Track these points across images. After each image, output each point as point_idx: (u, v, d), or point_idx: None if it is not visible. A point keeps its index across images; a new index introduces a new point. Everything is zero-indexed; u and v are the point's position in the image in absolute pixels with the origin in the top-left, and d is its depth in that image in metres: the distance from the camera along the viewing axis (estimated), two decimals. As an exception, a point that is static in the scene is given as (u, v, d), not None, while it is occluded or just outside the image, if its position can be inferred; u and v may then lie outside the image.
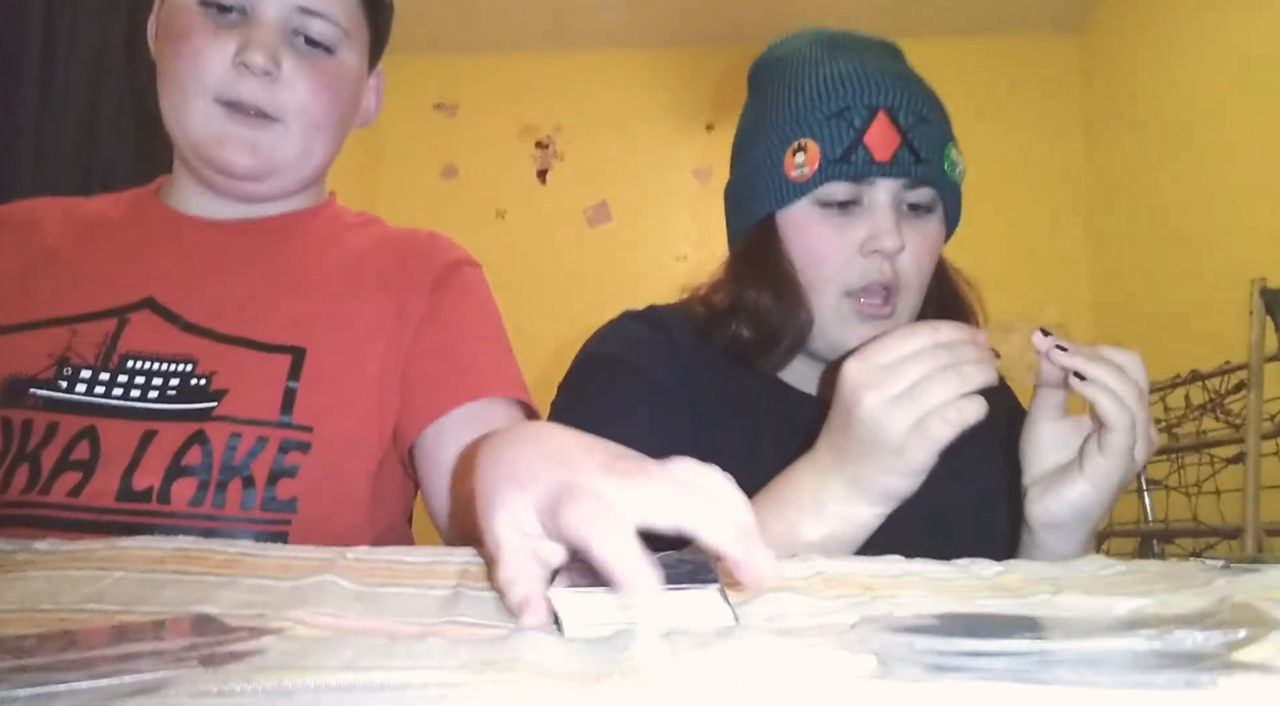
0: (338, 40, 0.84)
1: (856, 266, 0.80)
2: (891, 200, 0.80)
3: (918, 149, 0.79)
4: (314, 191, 0.94)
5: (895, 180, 0.80)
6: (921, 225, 0.82)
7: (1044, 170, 3.59)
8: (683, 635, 0.38)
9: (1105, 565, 0.56)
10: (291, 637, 0.39)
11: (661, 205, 3.75)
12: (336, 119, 0.87)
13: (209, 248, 0.86)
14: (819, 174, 0.80)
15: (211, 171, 0.84)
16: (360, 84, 0.91)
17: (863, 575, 0.51)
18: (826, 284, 0.81)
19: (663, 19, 3.64)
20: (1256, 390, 2.06)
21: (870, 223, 0.79)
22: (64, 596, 0.45)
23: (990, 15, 3.55)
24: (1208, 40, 2.73)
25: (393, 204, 3.83)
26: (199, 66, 0.79)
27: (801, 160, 0.81)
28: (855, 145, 0.78)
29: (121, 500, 0.71)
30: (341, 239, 0.91)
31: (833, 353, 0.83)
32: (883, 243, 0.78)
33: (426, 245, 0.92)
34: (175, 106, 0.82)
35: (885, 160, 0.78)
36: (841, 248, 0.80)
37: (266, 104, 0.81)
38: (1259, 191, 2.46)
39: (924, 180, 0.80)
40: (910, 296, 0.82)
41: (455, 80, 3.91)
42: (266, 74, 0.79)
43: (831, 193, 0.80)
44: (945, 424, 0.61)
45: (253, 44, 0.78)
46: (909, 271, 0.80)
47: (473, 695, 0.31)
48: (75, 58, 1.92)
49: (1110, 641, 0.33)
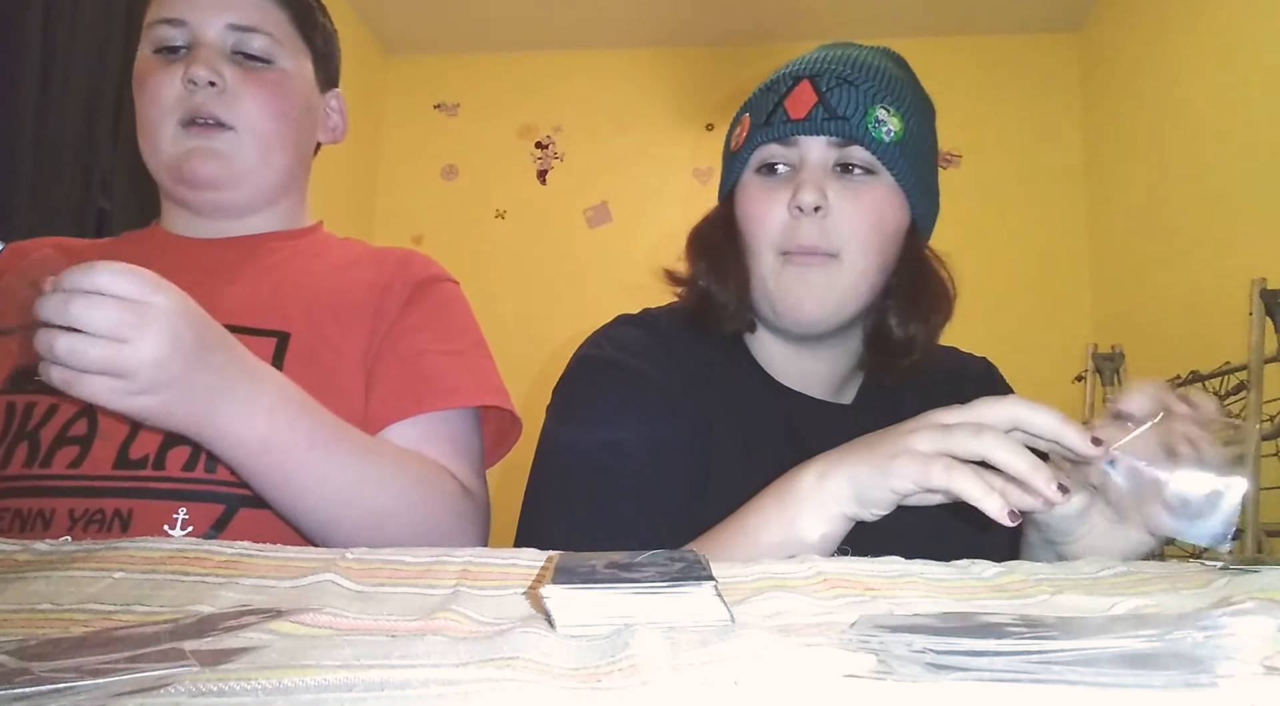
0: (274, 52, 0.93)
1: (787, 227, 0.82)
2: (820, 161, 0.83)
3: (834, 106, 0.81)
4: (293, 210, 1.00)
5: (816, 138, 0.82)
6: (856, 185, 0.82)
7: (1043, 170, 3.59)
8: (682, 633, 0.38)
9: (1105, 565, 0.56)
10: (291, 637, 0.39)
11: (661, 205, 3.75)
12: (288, 123, 0.93)
13: (203, 259, 0.92)
14: (749, 139, 0.86)
15: (184, 188, 0.91)
16: (311, 94, 0.98)
17: (863, 575, 0.51)
18: (763, 246, 0.83)
19: (663, 19, 3.64)
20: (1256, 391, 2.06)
21: (796, 182, 0.82)
22: (64, 596, 0.45)
23: (990, 15, 3.55)
24: (1207, 40, 2.73)
25: (393, 204, 3.84)
26: (159, 96, 0.89)
27: (738, 131, 0.89)
28: (776, 108, 0.84)
29: (119, 467, 0.76)
30: (326, 252, 0.97)
31: (775, 318, 0.84)
32: (799, 197, 0.80)
33: (405, 260, 0.97)
34: (146, 138, 0.91)
35: (800, 117, 0.82)
36: (772, 208, 0.83)
37: (219, 111, 0.89)
38: (1259, 191, 2.46)
39: (844, 137, 0.81)
40: (851, 258, 0.81)
41: (455, 80, 3.91)
42: (211, 84, 0.88)
43: (763, 157, 0.85)
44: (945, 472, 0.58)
45: (195, 62, 0.88)
46: (843, 231, 0.81)
47: (472, 693, 0.31)
48: (75, 58, 1.92)
49: (1110, 641, 0.33)
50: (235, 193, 0.92)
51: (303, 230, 0.99)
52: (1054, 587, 0.50)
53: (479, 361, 0.92)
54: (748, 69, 3.85)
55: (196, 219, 0.94)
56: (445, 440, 0.86)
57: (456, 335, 0.93)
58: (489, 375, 0.91)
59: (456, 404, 0.88)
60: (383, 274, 0.93)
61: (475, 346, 0.94)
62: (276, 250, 0.94)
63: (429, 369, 0.88)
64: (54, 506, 0.75)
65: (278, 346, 0.84)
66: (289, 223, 0.98)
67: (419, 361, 0.88)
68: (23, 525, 0.75)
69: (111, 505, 0.75)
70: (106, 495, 0.75)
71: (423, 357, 0.88)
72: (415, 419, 0.85)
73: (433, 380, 0.87)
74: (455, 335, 0.93)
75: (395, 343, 0.89)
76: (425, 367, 0.88)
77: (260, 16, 0.92)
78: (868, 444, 0.64)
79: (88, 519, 0.74)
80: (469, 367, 0.91)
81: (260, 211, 0.96)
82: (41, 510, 0.75)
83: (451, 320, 0.94)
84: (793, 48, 0.99)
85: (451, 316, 0.94)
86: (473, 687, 0.31)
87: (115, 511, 0.75)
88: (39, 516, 0.75)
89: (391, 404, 0.85)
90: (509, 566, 0.53)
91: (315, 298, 0.89)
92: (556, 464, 0.80)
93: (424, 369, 0.88)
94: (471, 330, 0.95)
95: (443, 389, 0.87)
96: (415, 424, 0.85)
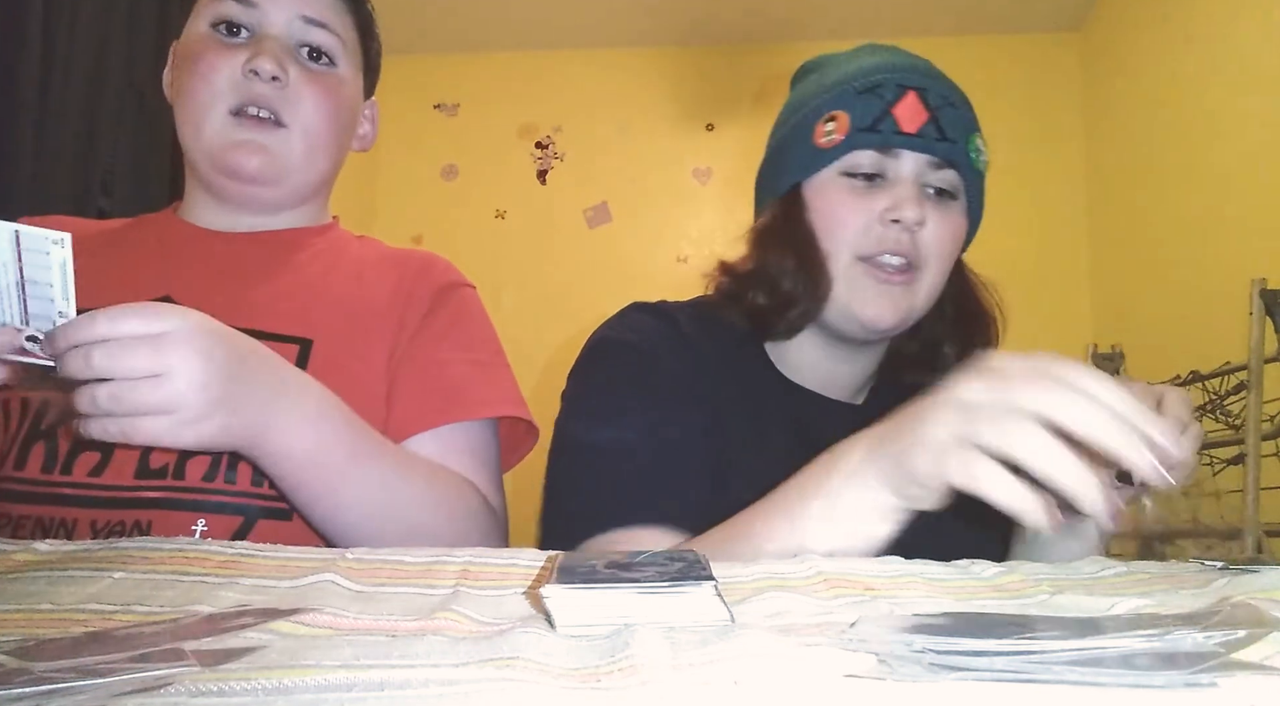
0: (338, 52, 0.91)
1: (873, 233, 0.81)
2: (915, 176, 0.82)
3: (944, 127, 0.81)
4: (318, 210, 0.99)
5: (920, 155, 0.81)
6: (944, 208, 0.83)
7: (1044, 170, 3.59)
8: (682, 633, 0.38)
9: (1105, 566, 0.56)
10: (291, 637, 0.39)
11: (661, 205, 3.75)
12: (337, 130, 0.92)
13: (223, 255, 0.90)
14: (847, 141, 0.82)
15: (224, 178, 0.89)
16: (357, 103, 0.97)
17: (863, 575, 0.51)
18: (842, 248, 0.82)
19: (663, 19, 3.64)
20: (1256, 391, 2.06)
21: (893, 194, 0.81)
22: (64, 596, 0.45)
23: (990, 15, 3.55)
24: (1207, 39, 2.73)
25: (393, 204, 3.84)
26: (212, 79, 0.85)
27: (831, 128, 0.84)
28: (884, 115, 0.81)
29: (140, 477, 0.76)
30: (346, 252, 0.96)
31: (844, 323, 0.83)
32: (904, 211, 0.79)
33: (425, 265, 0.96)
34: (191, 120, 0.87)
35: (912, 132, 0.80)
36: (861, 214, 0.81)
37: (279, 107, 0.86)
38: (1259, 191, 2.46)
39: (948, 160, 0.82)
40: (929, 276, 0.82)
41: (455, 80, 3.91)
42: (275, 79, 0.85)
43: (857, 162, 0.82)
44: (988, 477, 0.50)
45: (262, 53, 0.85)
46: (929, 248, 0.81)
47: (472, 693, 0.31)
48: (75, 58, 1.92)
49: (1110, 641, 0.33)
50: (275, 190, 0.91)
51: (321, 228, 0.98)
52: (1054, 587, 0.50)
53: (500, 371, 0.92)
54: (748, 69, 3.86)
55: (222, 210, 0.92)
56: (467, 453, 0.86)
57: (478, 344, 0.93)
58: (509, 385, 0.91)
59: (480, 415, 0.87)
60: (404, 280, 0.93)
61: (496, 356, 0.94)
62: (297, 251, 0.93)
63: (453, 380, 0.88)
64: (76, 517, 0.75)
65: (300, 353, 0.83)
66: (311, 221, 0.98)
67: (443, 371, 0.88)
68: (45, 535, 0.75)
69: (132, 517, 0.75)
70: (127, 506, 0.75)
71: (446, 368, 0.88)
72: (438, 431, 0.84)
73: (457, 391, 0.87)
74: (477, 344, 0.92)
75: (418, 352, 0.88)
76: (449, 378, 0.87)
77: (331, 14, 0.90)
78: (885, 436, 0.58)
79: (109, 530, 0.74)
80: (491, 378, 0.91)
81: (290, 210, 0.95)
82: (64, 520, 0.75)
83: (472, 328, 0.94)
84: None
85: (472, 324, 0.94)
86: (473, 687, 0.31)
87: (135, 523, 0.75)
88: (61, 526, 0.75)
89: (415, 414, 0.85)
90: (509, 566, 0.53)
91: (337, 303, 0.88)
92: (575, 455, 0.80)
93: (448, 379, 0.87)
94: (491, 338, 0.95)
95: (468, 401, 0.87)
96: (438, 436, 0.84)
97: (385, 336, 0.88)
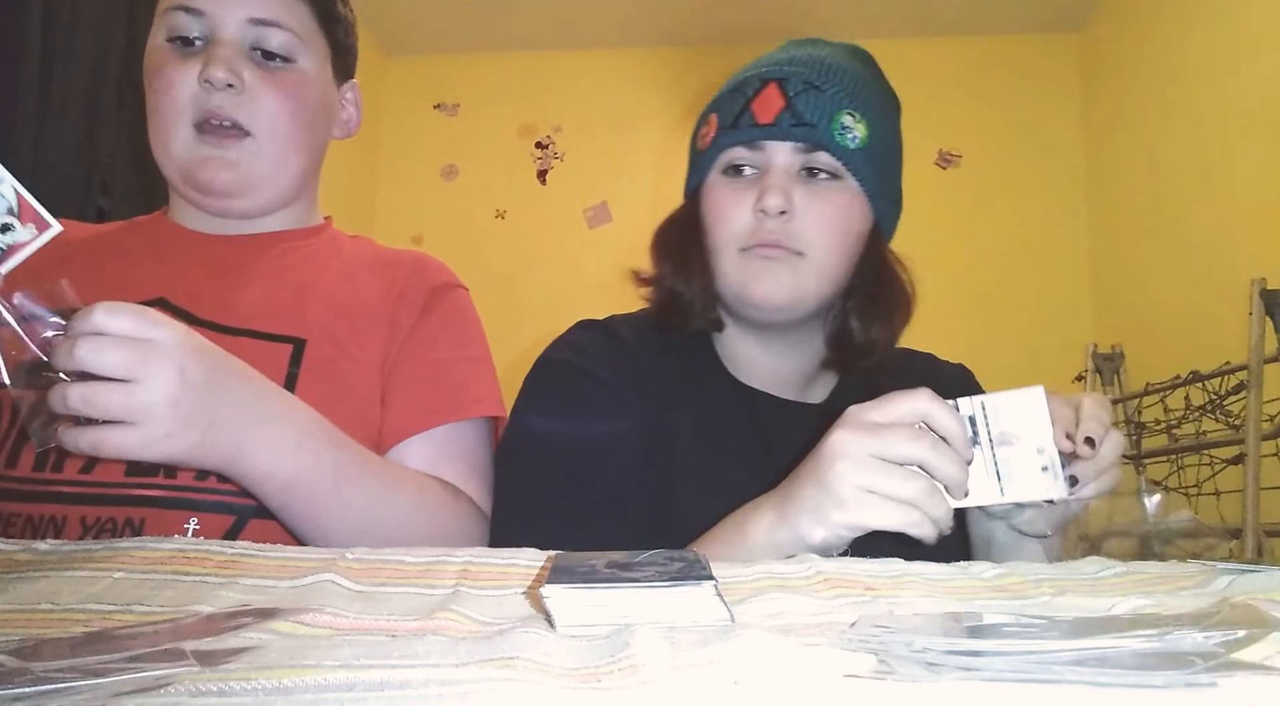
0: (295, 49, 0.89)
1: (749, 226, 0.84)
2: (787, 165, 0.84)
3: (801, 112, 0.83)
4: (306, 208, 0.98)
5: (782, 143, 0.83)
6: (820, 190, 0.84)
7: (1043, 170, 3.59)
8: (682, 633, 0.38)
9: (1105, 566, 0.56)
10: (291, 637, 0.39)
11: (661, 205, 3.73)
12: (304, 127, 0.91)
13: (216, 256, 0.90)
14: (715, 141, 0.87)
15: (196, 193, 0.89)
16: (328, 93, 0.95)
17: (863, 575, 0.51)
18: (729, 243, 0.85)
19: (662, 19, 3.64)
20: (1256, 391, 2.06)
21: (762, 185, 0.83)
22: (64, 596, 0.45)
23: (990, 15, 3.55)
24: (1207, 39, 2.73)
25: (393, 204, 3.84)
26: (173, 95, 0.85)
27: (705, 131, 0.90)
28: (744, 111, 0.85)
29: (130, 475, 0.76)
30: (339, 252, 0.96)
31: (742, 307, 0.85)
32: (764, 201, 0.81)
33: (419, 266, 0.96)
34: (159, 137, 0.88)
35: (768, 122, 0.83)
36: (736, 208, 0.84)
37: (236, 115, 0.85)
38: (1259, 191, 2.46)
39: (810, 143, 0.83)
40: (816, 258, 0.83)
41: (455, 80, 3.91)
42: (230, 87, 0.85)
43: (729, 159, 0.86)
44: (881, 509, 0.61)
45: (213, 61, 0.84)
46: (806, 234, 0.82)
47: (472, 693, 0.31)
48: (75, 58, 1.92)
49: (1110, 641, 0.33)
50: (250, 200, 0.90)
51: (314, 229, 0.98)
52: (1055, 588, 0.50)
53: (491, 370, 0.93)
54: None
55: (209, 217, 0.92)
56: (460, 458, 0.86)
57: (470, 343, 0.93)
58: (497, 385, 0.92)
59: (478, 413, 0.88)
60: (398, 281, 0.93)
61: (487, 356, 0.94)
62: (290, 251, 0.93)
63: (450, 378, 0.88)
64: (66, 514, 0.75)
65: (293, 353, 0.83)
66: (301, 221, 0.97)
67: (439, 371, 0.88)
68: (34, 532, 0.75)
69: (123, 514, 0.75)
70: (118, 504, 0.75)
71: (442, 367, 0.89)
72: (432, 435, 0.85)
73: (455, 390, 0.87)
74: (469, 343, 0.93)
75: (413, 353, 0.89)
76: (446, 377, 0.88)
77: (282, 11, 0.88)
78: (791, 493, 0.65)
79: (99, 528, 0.74)
80: (485, 376, 0.92)
81: (274, 213, 0.94)
82: (54, 518, 0.75)
83: (465, 329, 0.94)
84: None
85: (465, 325, 0.94)
86: (472, 687, 0.31)
87: (127, 520, 0.75)
88: (51, 524, 0.75)
89: (414, 413, 0.85)
90: (509, 566, 0.53)
91: (330, 303, 0.88)
92: (516, 457, 0.84)
93: (445, 379, 0.88)
94: (481, 339, 0.95)
95: (466, 398, 0.88)
96: (433, 441, 0.85)
97: (378, 337, 0.88)
